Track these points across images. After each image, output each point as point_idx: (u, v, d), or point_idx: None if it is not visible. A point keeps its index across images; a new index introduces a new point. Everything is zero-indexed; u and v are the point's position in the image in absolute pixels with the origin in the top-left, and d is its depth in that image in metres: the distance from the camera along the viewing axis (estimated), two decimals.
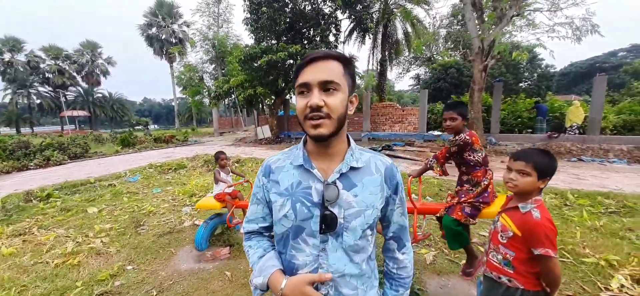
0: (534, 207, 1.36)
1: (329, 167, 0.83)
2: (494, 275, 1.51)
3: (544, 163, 1.36)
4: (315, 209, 0.80)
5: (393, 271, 0.94)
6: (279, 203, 0.84)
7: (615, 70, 28.75)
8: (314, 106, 0.72)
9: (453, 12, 15.67)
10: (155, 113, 72.46)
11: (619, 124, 10.34)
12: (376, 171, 0.85)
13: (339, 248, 0.81)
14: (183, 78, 22.89)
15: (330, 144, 0.81)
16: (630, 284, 2.39)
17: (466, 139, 2.05)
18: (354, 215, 0.80)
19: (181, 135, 20.01)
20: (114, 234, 3.71)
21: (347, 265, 0.82)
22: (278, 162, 0.89)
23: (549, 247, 1.29)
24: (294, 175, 0.84)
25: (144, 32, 31.12)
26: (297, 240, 0.83)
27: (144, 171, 8.09)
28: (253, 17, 14.03)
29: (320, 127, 0.74)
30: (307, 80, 0.74)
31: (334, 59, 0.76)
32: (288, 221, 0.83)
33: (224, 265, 2.98)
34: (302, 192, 0.82)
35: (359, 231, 0.81)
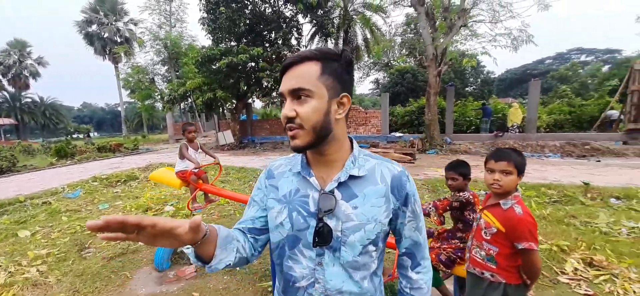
0: (514, 203, 1.41)
1: (329, 175, 0.77)
2: (477, 270, 1.54)
3: (520, 161, 1.43)
4: (312, 219, 0.74)
5: (406, 290, 0.85)
6: (276, 210, 0.79)
7: (543, 75, 32.83)
8: (285, 117, 0.70)
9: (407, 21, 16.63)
10: (97, 119, 65.44)
11: (551, 123, 11.80)
12: (381, 180, 0.77)
13: (336, 263, 0.74)
14: (131, 80, 21.09)
15: (325, 152, 0.75)
16: (583, 267, 2.64)
17: (469, 198, 2.00)
18: (352, 228, 0.73)
19: (130, 143, 18.24)
20: (52, 261, 3.15)
21: (345, 282, 0.75)
22: (280, 167, 0.85)
23: (532, 241, 1.33)
24: (293, 182, 0.79)
25: (82, 30, 27.90)
26: (294, 250, 0.77)
27: (86, 185, 7.16)
28: (210, 17, 13.39)
29: (295, 138, 0.70)
30: (281, 89, 0.71)
31: (310, 60, 0.69)
32: (284, 230, 0.77)
33: (190, 285, 2.70)
34: (300, 200, 0.77)
35: (359, 247, 0.74)
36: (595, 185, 4.96)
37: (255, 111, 19.42)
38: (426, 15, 10.58)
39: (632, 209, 3.91)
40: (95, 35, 28.12)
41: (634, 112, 8.66)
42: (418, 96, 19.60)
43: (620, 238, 3.14)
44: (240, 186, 6.52)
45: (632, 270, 2.51)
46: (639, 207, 3.94)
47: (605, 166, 6.96)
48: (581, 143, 8.89)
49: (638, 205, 4.01)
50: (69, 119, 39.87)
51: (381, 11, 15.34)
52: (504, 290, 1.46)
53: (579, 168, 6.89)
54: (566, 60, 38.94)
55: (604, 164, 7.21)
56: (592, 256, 2.77)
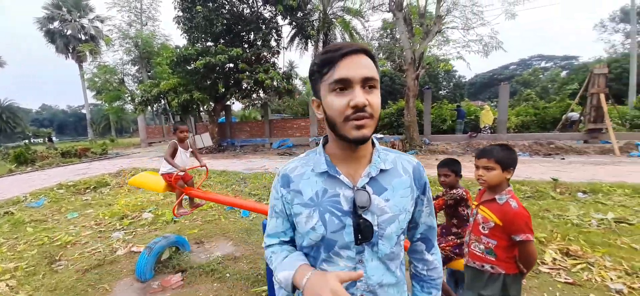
0: (509, 198, 1.47)
1: (356, 171, 0.75)
2: (477, 264, 1.59)
3: (503, 156, 1.49)
4: (347, 218, 0.72)
5: (423, 273, 0.89)
6: (305, 215, 0.75)
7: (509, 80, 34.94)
8: (359, 105, 0.63)
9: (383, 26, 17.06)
10: (58, 122, 60.83)
11: (519, 124, 12.57)
12: (404, 172, 0.79)
13: (375, 258, 0.75)
14: (97, 81, 19.79)
15: (361, 146, 0.73)
16: (561, 257, 2.81)
17: (462, 194, 2.08)
18: (388, 221, 0.73)
19: (98, 147, 17.12)
20: (21, 275, 2.86)
21: (384, 275, 0.76)
22: (296, 169, 0.80)
23: (528, 233, 1.40)
24: (318, 183, 0.76)
25: (43, 26, 25.90)
26: (330, 254, 0.75)
27: (51, 193, 6.60)
28: (186, 16, 12.91)
29: (364, 127, 0.66)
30: (347, 75, 0.64)
31: (367, 54, 0.68)
32: (316, 234, 0.73)
33: (177, 294, 2.56)
34: (330, 200, 0.73)
35: (394, 238, 0.75)
36: (563, 181, 5.33)
37: (233, 113, 18.93)
38: (404, 20, 10.90)
39: (598, 202, 4.24)
40: (58, 32, 26.23)
41: (593, 113, 9.43)
42: (396, 99, 20.13)
43: (591, 229, 3.39)
44: (223, 190, 6.32)
45: (606, 258, 2.71)
46: (605, 200, 4.27)
47: (569, 163, 7.51)
48: (547, 142, 9.55)
49: (604, 199, 4.35)
50: (26, 123, 36.71)
51: (360, 16, 15.60)
52: (503, 280, 1.52)
53: (547, 165, 7.38)
54: (528, 65, 41.80)
55: (568, 162, 7.78)
56: (568, 247, 2.96)
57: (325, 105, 0.70)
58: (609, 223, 3.48)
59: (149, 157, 14.07)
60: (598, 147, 8.91)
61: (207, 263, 3.03)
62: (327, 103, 0.68)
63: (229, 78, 13.32)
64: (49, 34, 26.16)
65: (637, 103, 12.57)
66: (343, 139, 0.69)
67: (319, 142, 0.83)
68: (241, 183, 6.77)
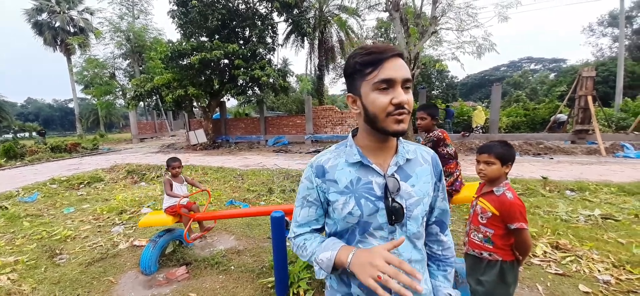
0: (506, 189, 1.59)
1: (385, 161, 0.84)
2: (476, 252, 1.70)
3: (503, 152, 1.61)
4: (380, 202, 0.80)
5: (438, 253, 0.97)
6: (341, 202, 0.82)
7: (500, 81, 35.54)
8: (402, 103, 0.72)
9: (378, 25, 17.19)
10: (44, 116, 59.13)
11: (510, 124, 12.87)
12: (424, 161, 0.88)
13: (404, 237, 0.82)
14: (86, 74, 19.37)
15: (390, 138, 0.82)
16: (551, 250, 2.96)
17: (438, 135, 2.29)
18: (414, 204, 0.83)
19: (88, 142, 16.81)
20: (22, 268, 2.85)
21: (412, 252, 0.85)
22: (330, 161, 0.87)
23: (523, 221, 1.52)
24: (351, 172, 0.83)
25: (31, 18, 25.14)
26: (365, 235, 0.83)
27: (44, 188, 6.50)
28: (181, 11, 12.76)
29: (404, 122, 0.74)
30: (392, 76, 0.72)
31: (402, 58, 0.76)
32: (353, 218, 0.82)
33: (183, 287, 2.60)
34: (364, 187, 0.81)
35: (420, 219, 0.84)
36: (552, 179, 5.53)
37: (228, 110, 18.78)
38: (401, 20, 11.02)
39: (585, 199, 4.44)
40: (46, 24, 25.49)
41: (581, 114, 9.73)
42: None
43: (579, 224, 3.56)
44: (221, 186, 6.33)
45: (593, 252, 2.86)
46: (592, 198, 4.47)
47: (558, 163, 7.78)
48: (536, 142, 9.83)
49: (591, 196, 4.55)
50: (12, 117, 35.61)
51: (356, 14, 15.67)
52: (500, 266, 1.62)
53: (536, 164, 7.62)
54: (518, 67, 42.69)
55: (556, 161, 8.04)
56: (557, 241, 3.11)
57: (366, 102, 0.76)
58: (596, 219, 3.65)
59: (142, 153, 13.89)
60: (585, 147, 9.22)
61: (211, 257, 3.07)
62: (370, 100, 0.75)
63: (224, 74, 13.24)
64: (36, 26, 25.40)
65: (623, 106, 13.03)
66: (382, 132, 0.77)
67: (315, 139, 0.90)
68: (238, 180, 6.79)
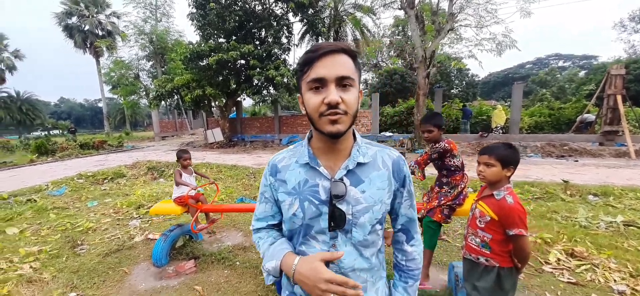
0: (506, 193, 1.53)
1: (336, 164, 0.81)
2: (473, 256, 1.66)
3: (505, 154, 1.55)
4: (324, 207, 0.79)
5: (402, 263, 0.93)
6: (288, 203, 0.82)
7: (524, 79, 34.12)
8: (332, 102, 0.69)
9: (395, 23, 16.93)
10: (76, 115, 62.84)
11: (532, 125, 12.31)
12: (383, 165, 0.84)
13: (348, 244, 0.81)
14: (113, 75, 20.40)
15: (339, 140, 0.78)
16: (565, 258, 2.83)
17: (445, 147, 2.22)
18: (362, 211, 0.79)
19: (114, 140, 17.70)
20: (45, 257, 3.07)
21: (356, 260, 0.82)
22: (283, 160, 0.87)
23: (522, 227, 1.46)
24: (301, 173, 0.82)
25: (61, 22, 26.73)
26: (307, 237, 0.82)
27: (71, 182, 6.93)
28: (200, 13, 13.14)
29: (338, 123, 0.71)
30: (322, 75, 0.70)
31: (345, 53, 0.73)
32: (297, 219, 0.81)
33: (190, 279, 2.71)
34: (310, 190, 0.80)
35: (368, 227, 0.80)
36: (574, 183, 5.25)
37: (244, 109, 19.18)
38: (416, 18, 10.82)
39: (609, 205, 4.19)
40: (76, 27, 27.00)
41: (610, 114, 9.16)
42: (406, 97, 19.98)
43: (599, 231, 3.37)
44: (233, 183, 6.50)
45: (611, 260, 2.71)
46: (616, 204, 4.22)
47: (583, 166, 7.37)
48: (560, 144, 9.35)
49: (614, 202, 4.29)
50: (45, 115, 38.10)
51: (371, 13, 15.53)
52: (497, 273, 1.58)
53: (559, 167, 7.26)
54: (545, 65, 40.67)
55: (581, 164, 7.62)
56: (573, 248, 2.97)
57: (304, 102, 0.75)
58: (618, 226, 3.45)
59: (163, 150, 14.45)
60: (613, 149, 8.67)
61: (218, 252, 3.17)
62: (306, 100, 0.74)
63: (240, 74, 13.52)
64: (67, 29, 26.98)
65: None
66: (321, 133, 0.75)
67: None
68: (251, 178, 6.93)
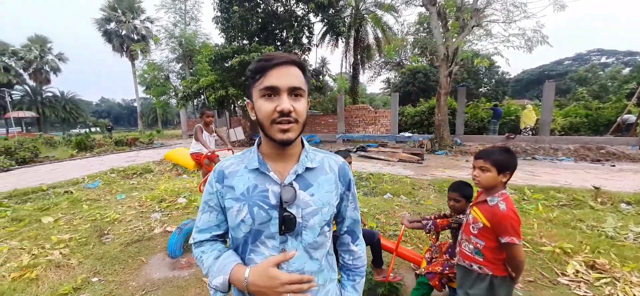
0: (500, 200, 1.48)
1: (285, 169, 0.83)
2: (466, 263, 1.63)
3: (500, 159, 1.49)
4: (273, 211, 0.79)
5: (349, 263, 0.98)
6: (236, 209, 0.81)
7: (562, 77, 31.85)
8: (285, 111, 0.72)
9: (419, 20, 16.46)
10: (114, 114, 67.44)
11: (566, 126, 11.49)
12: (330, 170, 0.88)
13: (299, 247, 0.82)
14: (147, 77, 21.70)
15: (289, 146, 0.80)
16: (584, 270, 2.66)
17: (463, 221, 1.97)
18: (311, 213, 0.81)
19: (145, 137, 18.85)
20: (74, 245, 3.38)
21: (307, 263, 0.83)
22: (231, 166, 0.86)
23: (514, 235, 1.41)
24: (250, 179, 0.82)
25: (101, 27, 28.85)
26: (256, 243, 0.82)
27: (105, 176, 7.50)
28: (224, 16, 13.65)
29: (289, 131, 0.74)
30: (275, 84, 0.73)
31: (296, 65, 0.77)
32: (246, 226, 0.80)
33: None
34: (259, 195, 0.80)
35: (317, 229, 0.83)
36: (606, 189, 4.87)
37: None
38: (438, 14, 10.50)
39: None
40: (114, 32, 29.02)
41: None
42: (429, 96, 19.42)
43: (626, 242, 3.12)
44: None
45: (634, 274, 2.52)
46: None
47: (620, 171, 6.79)
48: (596, 147, 8.66)
49: None
50: (87, 114, 41.30)
51: (393, 10, 15.27)
52: (490, 281, 1.54)
53: (593, 172, 6.74)
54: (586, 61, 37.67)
55: (618, 169, 7.03)
56: (594, 260, 2.78)
57: (256, 108, 0.77)
58: None
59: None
60: None
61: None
62: (258, 107, 0.76)
63: None
64: (106, 34, 29.07)
65: None
66: (271, 140, 0.77)
67: (346, 139, 0.96)
68: None
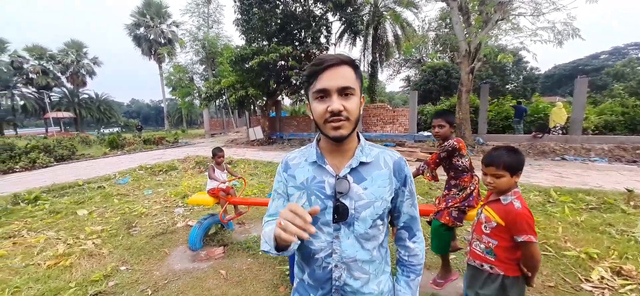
0: (514, 198, 1.47)
1: (341, 163, 0.89)
2: (477, 263, 1.61)
3: (511, 162, 1.48)
4: (329, 201, 0.86)
5: (405, 258, 1.00)
6: (296, 196, 0.91)
7: (598, 72, 29.77)
8: (335, 111, 0.78)
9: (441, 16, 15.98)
10: (143, 114, 71.04)
11: (600, 124, 10.74)
12: (384, 165, 0.91)
13: (350, 236, 0.87)
14: (172, 79, 22.66)
15: (344, 142, 0.86)
16: (610, 276, 2.53)
17: (454, 145, 2.18)
18: (364, 206, 0.86)
19: (171, 136, 19.74)
20: (105, 236, 3.67)
21: (358, 251, 0.88)
22: (295, 159, 0.96)
23: (531, 233, 1.39)
24: (309, 171, 0.91)
25: (131, 32, 30.52)
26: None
27: (134, 173, 7.98)
28: (244, 18, 13.98)
29: (341, 128, 0.80)
30: (325, 86, 0.79)
31: (347, 65, 0.81)
32: None
33: (218, 264, 3.01)
34: (317, 185, 0.89)
35: (369, 221, 0.87)
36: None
37: (284, 108, 19.93)
38: (459, 9, 10.18)
39: None
40: (143, 37, 30.58)
41: None
42: (451, 94, 18.85)
43: None
44: (267, 179, 6.88)
45: None
46: None
47: None
48: (632, 147, 8.04)
49: None
50: (119, 114, 43.81)
51: (412, 6, 14.96)
52: (502, 282, 1.52)
53: (627, 174, 6.29)
54: (623, 55, 34.87)
55: None
56: (621, 266, 2.63)
57: (312, 109, 0.84)
58: None
59: (211, 146, 15.73)
60: None
61: (245, 241, 3.46)
62: (313, 108, 0.83)
63: (280, 75, 14.09)
64: (136, 39, 30.70)
65: None
66: (326, 136, 0.85)
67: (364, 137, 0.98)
68: None
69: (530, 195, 4.89)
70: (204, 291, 2.54)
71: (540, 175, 6.47)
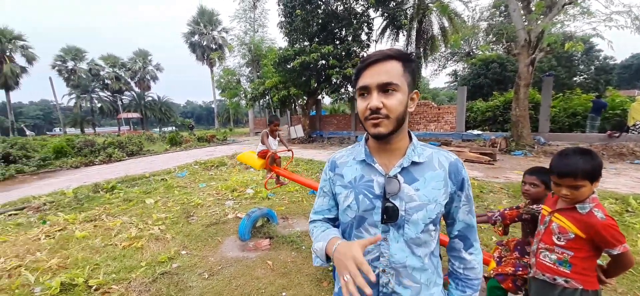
0: (593, 207, 1.28)
1: (390, 162, 0.85)
2: (548, 276, 1.42)
3: (590, 168, 1.25)
4: (377, 201, 0.83)
5: (459, 271, 0.91)
6: (343, 195, 0.89)
7: None
8: (373, 108, 0.76)
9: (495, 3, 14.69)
10: (197, 114, 77.42)
11: None
12: (439, 166, 0.85)
13: (400, 239, 0.82)
14: (222, 81, 24.28)
15: (391, 141, 0.83)
16: None
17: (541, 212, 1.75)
18: (415, 208, 0.81)
19: (221, 135, 21.22)
20: (168, 222, 4.13)
21: (408, 257, 0.83)
22: (342, 157, 0.95)
23: (624, 241, 1.24)
24: (357, 170, 0.89)
25: (187, 40, 33.46)
26: (360, 229, 0.86)
27: (190, 167, 8.77)
28: (287, 20, 14.46)
29: (380, 126, 0.77)
30: (366, 83, 0.77)
31: (392, 59, 0.77)
32: (351, 211, 0.87)
33: (265, 255, 3.20)
34: (365, 184, 0.85)
35: (421, 225, 0.82)
36: None
37: (324, 107, 20.14)
38: None
39: None
40: (197, 44, 33.34)
41: None
42: (505, 88, 17.33)
43: None
44: (308, 176, 7.06)
45: None
46: None
47: None
48: None
49: None
50: (177, 114, 48.40)
51: None
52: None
53: None
54: None
55: None
56: None
57: (357, 107, 0.84)
58: None
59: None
60: None
61: (289, 235, 3.63)
62: (357, 106, 0.83)
63: (321, 74, 14.29)
64: (191, 46, 33.59)
65: None
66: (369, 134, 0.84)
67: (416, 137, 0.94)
68: None
69: (605, 203, 4.32)
70: (254, 279, 2.73)
71: (617, 181, 5.65)
